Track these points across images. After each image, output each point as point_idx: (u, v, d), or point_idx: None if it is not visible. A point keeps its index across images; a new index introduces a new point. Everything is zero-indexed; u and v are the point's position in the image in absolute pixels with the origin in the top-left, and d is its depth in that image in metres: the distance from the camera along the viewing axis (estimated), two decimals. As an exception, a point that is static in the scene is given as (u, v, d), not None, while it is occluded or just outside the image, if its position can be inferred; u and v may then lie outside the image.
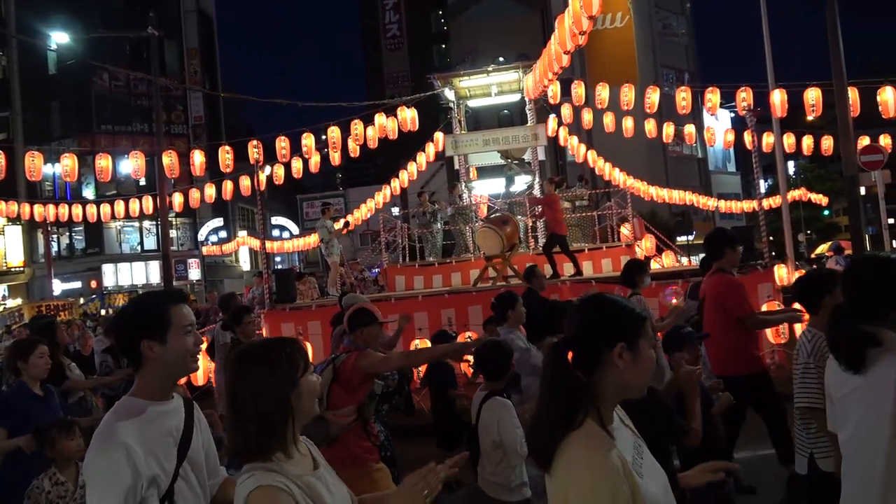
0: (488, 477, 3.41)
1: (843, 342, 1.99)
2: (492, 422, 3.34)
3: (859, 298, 2.01)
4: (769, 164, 15.16)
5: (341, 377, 3.50)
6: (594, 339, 1.54)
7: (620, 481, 1.40)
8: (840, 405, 2.08)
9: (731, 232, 5.00)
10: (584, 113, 14.47)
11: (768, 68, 11.86)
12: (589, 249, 12.56)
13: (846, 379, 2.01)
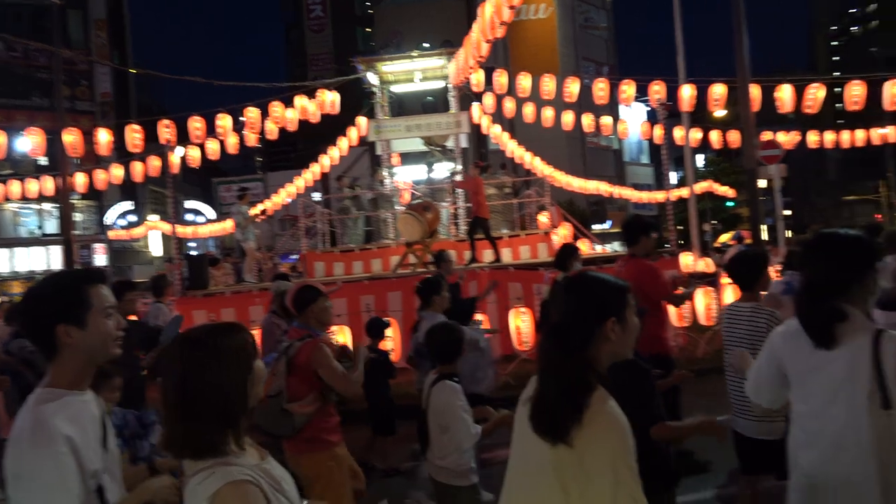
0: (437, 462, 3.34)
1: (814, 318, 2.03)
2: (440, 406, 3.27)
3: (823, 274, 2.06)
4: (681, 156, 15.87)
5: (296, 369, 3.39)
6: (587, 320, 1.63)
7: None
8: (801, 379, 2.12)
9: (646, 219, 5.22)
10: (506, 102, 14.64)
11: (679, 64, 12.37)
12: (508, 236, 12.78)
13: (811, 353, 2.05)
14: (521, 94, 12.70)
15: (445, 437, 3.27)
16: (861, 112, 13.56)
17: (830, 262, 2.06)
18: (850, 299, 2.01)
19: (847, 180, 62.61)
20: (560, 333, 1.65)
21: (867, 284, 2.03)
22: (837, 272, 2.03)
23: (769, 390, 2.27)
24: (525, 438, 1.71)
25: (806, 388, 2.10)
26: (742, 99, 9.46)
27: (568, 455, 1.58)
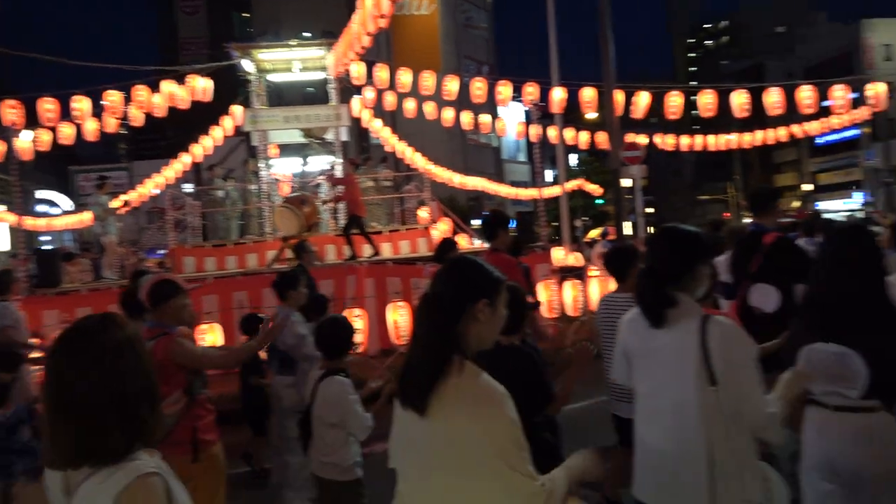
0: (322, 458, 3.28)
1: (650, 302, 2.22)
2: (330, 401, 3.20)
3: (660, 263, 2.26)
4: (556, 155, 16.60)
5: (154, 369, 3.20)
6: (462, 293, 1.72)
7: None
8: (641, 360, 2.30)
9: (504, 214, 5.39)
10: (387, 96, 14.62)
11: (552, 67, 12.94)
12: (388, 231, 12.79)
13: (651, 336, 2.23)
14: (402, 89, 12.74)
15: (333, 433, 3.23)
16: (713, 119, 14.84)
17: (668, 253, 2.26)
18: (682, 287, 2.22)
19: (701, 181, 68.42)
20: (433, 305, 1.72)
21: (698, 275, 2.24)
22: (673, 262, 2.23)
23: (620, 371, 2.46)
24: (404, 421, 1.75)
25: (644, 369, 2.29)
26: (607, 103, 10.07)
27: (446, 430, 1.63)
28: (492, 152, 39.03)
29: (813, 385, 2.50)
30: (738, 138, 18.55)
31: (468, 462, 1.62)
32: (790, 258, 4.29)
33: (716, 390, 2.08)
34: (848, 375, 2.38)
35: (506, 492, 1.61)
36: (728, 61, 76.06)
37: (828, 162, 53.95)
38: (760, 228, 4.59)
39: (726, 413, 2.08)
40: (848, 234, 2.64)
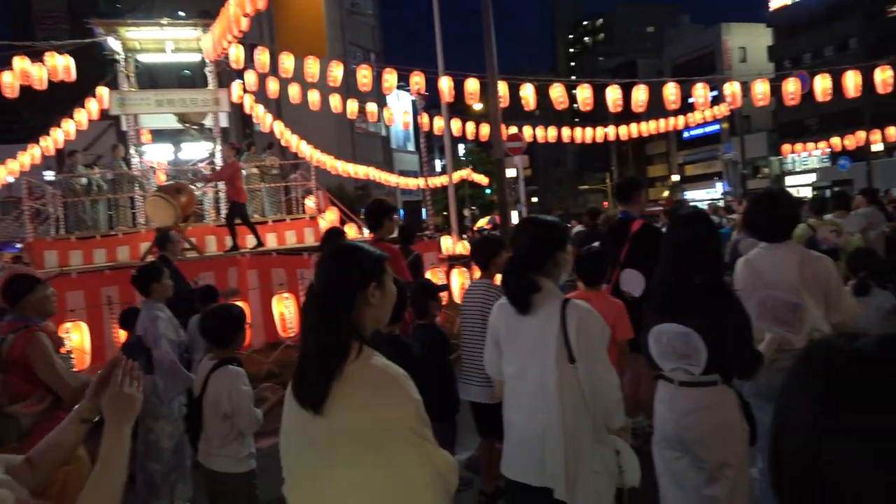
0: (215, 451, 3.16)
1: (514, 288, 2.32)
2: (223, 392, 3.07)
3: (524, 251, 2.36)
4: (444, 145, 16.76)
5: (12, 365, 2.93)
6: (351, 282, 1.72)
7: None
8: (508, 345, 2.39)
9: (388, 203, 5.36)
10: (269, 81, 14.11)
11: (438, 57, 13.04)
12: (273, 221, 12.41)
13: (518, 321, 2.33)
14: (285, 74, 12.33)
15: (227, 425, 3.12)
16: (592, 112, 15.54)
17: (530, 243, 2.38)
18: (545, 273, 2.34)
19: (582, 171, 71.75)
20: (323, 298, 1.70)
21: (559, 261, 2.37)
22: (535, 251, 2.35)
23: (491, 359, 2.54)
24: (296, 417, 1.70)
25: (512, 353, 2.40)
26: (491, 95, 10.29)
27: (347, 424, 1.60)
28: (380, 141, 38.81)
29: (661, 363, 2.70)
30: (615, 131, 19.60)
31: (375, 451, 1.60)
32: (654, 244, 4.65)
33: (575, 368, 2.22)
34: (691, 353, 2.57)
35: (421, 462, 1.63)
36: (604, 58, 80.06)
37: (693, 154, 58.32)
38: (628, 216, 4.89)
39: (584, 389, 2.22)
40: (687, 220, 2.80)
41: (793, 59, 46.48)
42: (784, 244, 3.14)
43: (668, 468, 2.72)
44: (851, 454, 0.71)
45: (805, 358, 0.81)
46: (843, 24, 44.25)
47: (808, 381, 0.78)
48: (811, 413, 0.75)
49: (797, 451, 0.76)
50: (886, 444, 0.70)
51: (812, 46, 46.45)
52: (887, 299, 4.17)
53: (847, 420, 0.72)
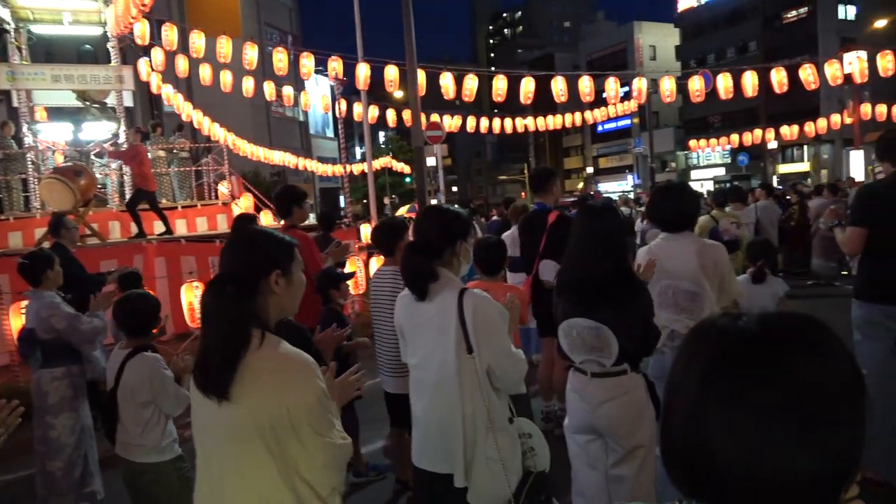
0: (134, 442, 3.02)
1: (411, 274, 2.31)
2: (142, 380, 2.96)
3: (424, 239, 2.35)
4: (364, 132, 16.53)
5: None
6: (253, 268, 1.68)
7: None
8: (410, 334, 2.39)
9: (299, 190, 5.24)
10: (178, 60, 13.45)
11: (357, 42, 12.83)
12: (183, 207, 11.90)
13: (419, 310, 2.33)
14: (195, 54, 11.77)
15: (147, 412, 3.01)
16: (511, 103, 15.76)
17: (431, 231, 2.39)
18: (444, 262, 2.36)
19: (501, 162, 72.85)
20: (224, 284, 1.64)
21: (458, 252, 2.40)
22: (435, 239, 2.36)
23: (401, 347, 2.55)
24: (200, 405, 1.66)
25: (414, 343, 2.41)
26: (410, 82, 10.25)
27: (251, 413, 1.57)
28: (298, 126, 37.85)
29: (572, 355, 2.78)
30: (533, 122, 19.98)
31: (277, 438, 1.58)
32: (567, 231, 4.81)
33: (472, 358, 2.23)
34: (602, 347, 2.67)
35: (323, 447, 1.63)
36: (523, 50, 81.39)
37: (606, 148, 60.42)
38: (543, 207, 5.01)
39: (481, 378, 2.24)
40: (597, 213, 2.87)
41: (698, 59, 48.92)
42: (683, 234, 3.27)
43: (582, 450, 2.81)
44: (730, 427, 0.76)
45: (692, 336, 0.86)
46: (744, 28, 46.97)
47: (695, 358, 0.82)
48: (697, 388, 0.80)
49: (683, 424, 0.81)
50: (763, 417, 0.75)
51: (715, 48, 49.05)
52: (781, 287, 4.51)
53: (729, 395, 0.77)
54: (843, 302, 4.48)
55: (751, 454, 0.75)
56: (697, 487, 0.81)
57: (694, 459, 0.80)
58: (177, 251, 8.22)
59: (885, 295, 3.64)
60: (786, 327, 0.80)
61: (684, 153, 50.11)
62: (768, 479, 0.75)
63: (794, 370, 0.76)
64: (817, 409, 0.75)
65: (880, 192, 3.78)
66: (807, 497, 0.76)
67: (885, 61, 13.76)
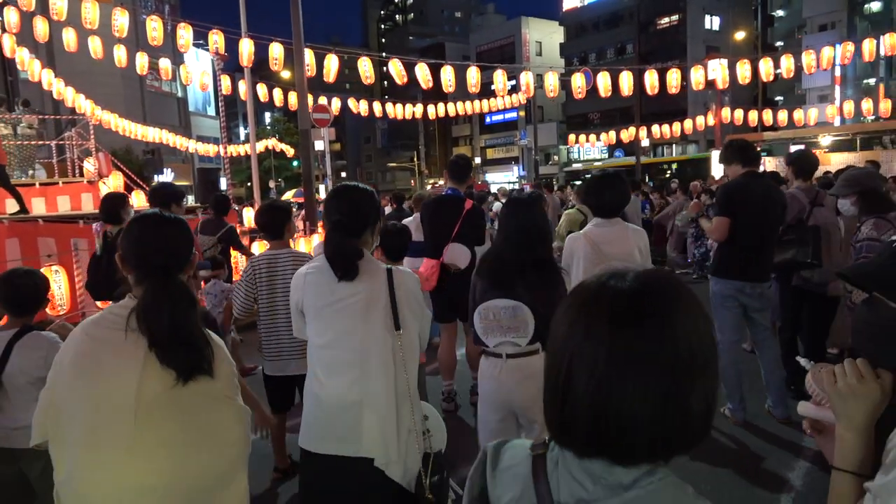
0: (21, 425, 2.69)
1: (343, 256, 2.25)
2: (33, 357, 2.73)
3: (346, 218, 2.30)
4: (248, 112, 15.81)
5: None
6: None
7: None
8: (320, 313, 2.28)
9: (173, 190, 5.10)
10: (37, 22, 12.23)
11: (241, 16, 12.23)
12: (41, 184, 10.89)
13: (336, 289, 2.25)
14: (56, 16, 10.73)
15: (37, 391, 2.69)
16: (401, 89, 15.75)
17: (351, 209, 2.36)
18: (361, 242, 2.36)
19: (391, 149, 72.59)
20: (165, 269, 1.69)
21: (375, 231, 2.45)
22: (356, 217, 2.35)
23: (298, 327, 2.47)
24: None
25: (324, 322, 2.31)
26: (297, 62, 9.95)
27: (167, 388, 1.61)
28: (176, 102, 35.63)
29: (486, 339, 2.91)
30: (423, 109, 20.04)
31: (195, 413, 1.66)
32: (480, 222, 5.09)
33: (399, 335, 2.25)
34: (519, 326, 2.83)
35: (235, 420, 1.76)
36: (414, 38, 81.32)
37: (493, 139, 61.86)
38: (457, 193, 5.10)
39: (405, 354, 2.28)
40: (528, 203, 3.05)
41: (580, 57, 51.20)
42: (615, 220, 3.63)
43: (489, 427, 2.97)
44: (637, 385, 0.82)
45: (583, 300, 0.89)
46: (622, 31, 49.66)
47: (594, 322, 0.86)
48: (604, 351, 0.83)
49: (590, 390, 0.84)
50: (658, 371, 0.82)
51: (596, 47, 51.54)
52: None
53: (633, 355, 0.82)
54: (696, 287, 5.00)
55: (654, 408, 0.81)
56: (567, 434, 0.87)
57: (600, 421, 0.83)
58: (33, 232, 7.49)
59: (737, 272, 4.43)
60: (656, 286, 0.86)
61: (566, 147, 52.34)
62: (666, 427, 0.82)
63: (677, 325, 0.83)
64: (670, 359, 0.82)
65: (740, 188, 4.39)
66: (661, 438, 0.83)
67: (743, 69, 15.05)
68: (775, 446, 4.27)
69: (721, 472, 3.93)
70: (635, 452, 0.84)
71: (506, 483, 0.97)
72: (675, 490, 0.85)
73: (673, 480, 0.86)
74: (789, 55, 15.36)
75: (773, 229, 4.52)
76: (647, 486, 0.84)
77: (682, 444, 0.85)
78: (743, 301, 4.50)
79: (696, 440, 0.86)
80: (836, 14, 40.76)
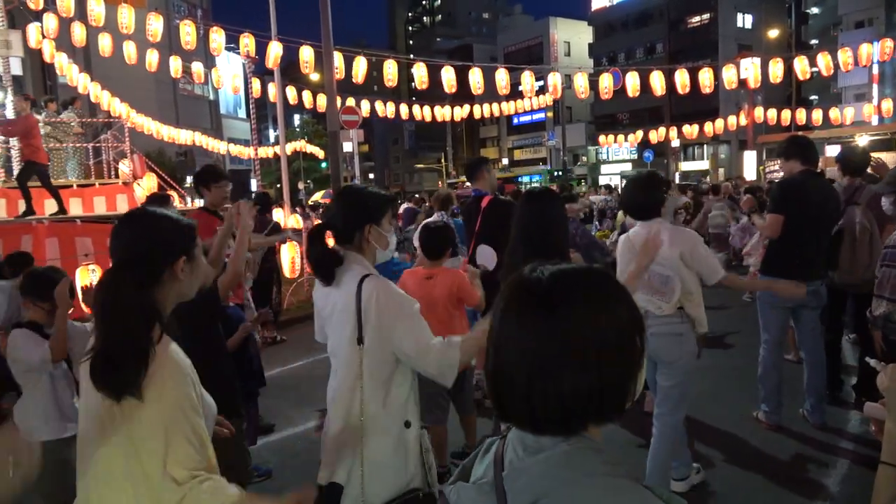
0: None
1: (315, 260, 2.21)
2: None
3: (333, 220, 2.26)
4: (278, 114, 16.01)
5: None
6: (158, 254, 1.55)
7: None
8: (326, 319, 2.31)
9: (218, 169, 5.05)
10: (74, 28, 12.54)
11: (271, 20, 12.40)
12: (79, 186, 11.17)
13: (325, 294, 2.26)
14: (94, 22, 11.00)
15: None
16: (429, 91, 15.74)
17: (340, 212, 2.30)
18: (353, 246, 2.26)
19: (418, 150, 72.81)
20: (127, 270, 1.49)
21: (368, 236, 2.27)
22: (342, 221, 2.27)
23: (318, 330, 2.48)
24: (89, 395, 1.51)
25: (328, 328, 2.34)
26: (326, 65, 10.05)
27: (132, 410, 1.44)
28: (208, 105, 36.26)
29: None
30: (451, 111, 20.07)
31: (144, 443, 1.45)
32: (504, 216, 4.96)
33: (361, 350, 2.13)
34: None
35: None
36: (441, 39, 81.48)
37: (521, 140, 61.64)
38: (479, 193, 5.13)
39: (364, 371, 2.13)
40: (533, 199, 2.94)
41: (609, 57, 50.73)
42: (653, 221, 3.48)
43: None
44: (516, 354, 0.95)
45: (504, 285, 1.03)
46: (651, 30, 49.09)
47: (498, 302, 1.02)
48: (497, 324, 0.99)
49: (491, 354, 0.99)
50: (537, 346, 0.93)
51: (625, 47, 51.02)
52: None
53: (516, 327, 0.96)
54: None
55: (532, 373, 0.93)
56: (506, 410, 0.99)
57: (498, 383, 0.97)
58: (71, 232, 7.71)
59: (787, 270, 4.22)
60: (570, 278, 0.98)
61: (595, 148, 51.92)
62: (545, 393, 0.92)
63: (566, 307, 0.93)
64: (584, 338, 0.92)
65: (796, 186, 4.29)
66: (577, 409, 0.93)
67: (776, 68, 14.77)
68: (812, 451, 4.18)
69: (754, 477, 3.86)
70: (551, 423, 0.95)
71: (483, 462, 1.08)
72: (586, 453, 0.94)
73: (587, 445, 0.95)
74: (825, 53, 15.03)
75: (828, 228, 4.45)
76: (558, 448, 0.94)
77: (596, 416, 0.96)
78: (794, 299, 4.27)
79: (608, 413, 0.96)
80: (873, 10, 39.69)
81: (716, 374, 5.68)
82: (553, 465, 0.93)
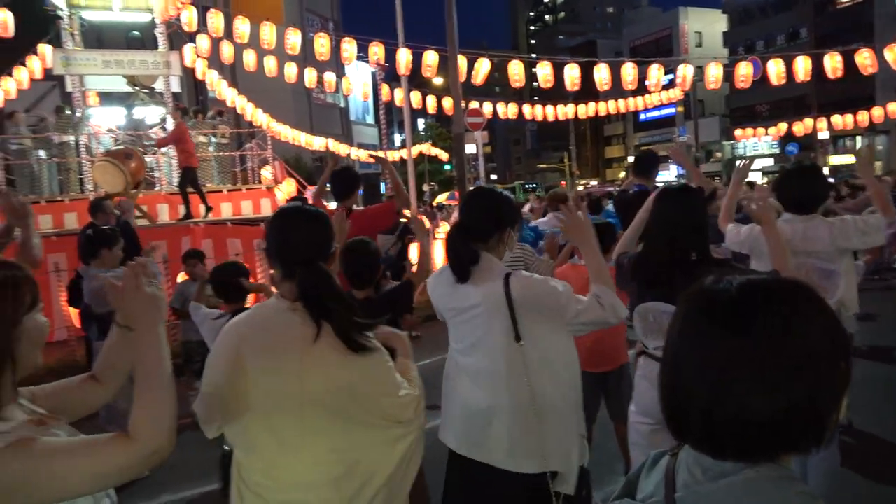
0: None
1: (456, 255, 2.27)
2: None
3: (471, 221, 2.31)
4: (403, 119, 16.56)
5: None
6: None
7: None
8: (453, 320, 2.35)
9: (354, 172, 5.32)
10: (223, 46, 13.70)
11: (398, 28, 12.84)
12: (228, 191, 12.17)
13: (455, 293, 2.29)
14: (239, 40, 11.97)
15: None
16: (551, 90, 15.60)
17: (480, 212, 2.34)
18: (488, 247, 2.30)
19: (541, 150, 72.22)
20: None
21: (504, 239, 2.33)
22: (483, 221, 2.32)
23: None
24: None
25: (458, 329, 2.36)
26: (451, 69, 10.25)
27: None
28: (339, 112, 38.17)
29: (646, 340, 2.71)
30: (574, 110, 19.75)
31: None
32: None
33: (521, 346, 2.16)
34: None
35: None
36: (564, 36, 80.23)
37: (649, 137, 59.28)
38: (644, 189, 5.03)
39: (528, 366, 2.16)
40: (669, 195, 2.75)
41: (746, 46, 47.47)
42: (811, 216, 3.30)
43: (644, 440, 2.71)
44: (697, 370, 0.90)
45: (681, 297, 0.99)
46: (794, 14, 45.39)
47: (677, 316, 0.97)
48: (676, 338, 0.94)
49: (667, 372, 0.95)
50: (722, 364, 0.87)
51: (764, 34, 47.53)
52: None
53: (697, 342, 0.90)
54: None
55: (714, 394, 0.87)
56: (681, 429, 0.94)
57: (707, 419, 0.89)
58: (223, 233, 8.44)
59: None
60: (763, 291, 0.90)
61: (730, 143, 48.84)
62: (729, 417, 0.86)
63: (756, 327, 0.86)
64: (774, 361, 0.84)
65: None
66: (765, 436, 0.86)
67: (946, 47, 13.13)
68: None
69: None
70: (734, 449, 0.88)
71: (651, 479, 1.04)
72: (777, 483, 0.86)
73: (778, 474, 0.88)
74: None
75: None
76: (742, 475, 0.87)
77: (786, 446, 0.88)
78: None
79: (805, 441, 0.87)
80: None
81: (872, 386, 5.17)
82: (737, 494, 0.86)
